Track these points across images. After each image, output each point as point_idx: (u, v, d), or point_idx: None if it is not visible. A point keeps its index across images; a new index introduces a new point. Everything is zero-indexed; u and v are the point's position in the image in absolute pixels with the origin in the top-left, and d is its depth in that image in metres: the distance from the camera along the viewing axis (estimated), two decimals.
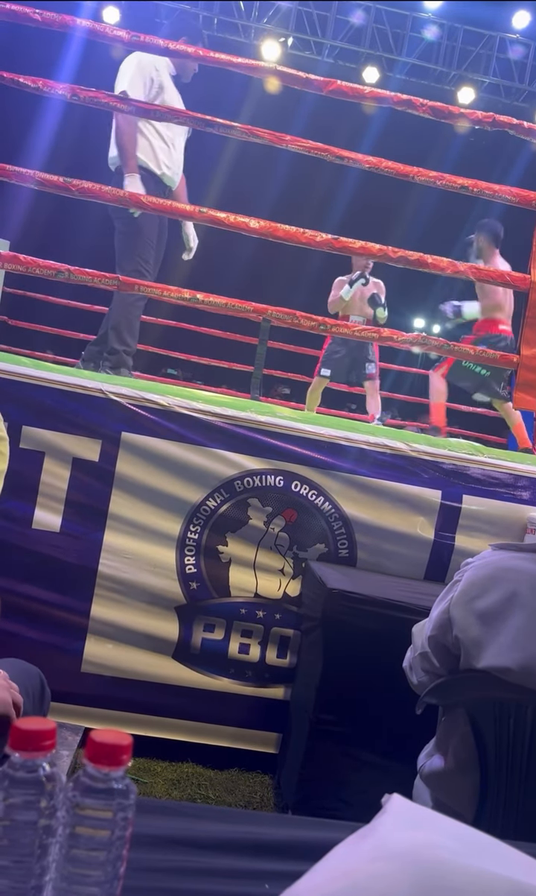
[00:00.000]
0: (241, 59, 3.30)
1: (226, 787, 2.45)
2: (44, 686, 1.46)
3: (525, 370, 3.36)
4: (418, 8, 10.11)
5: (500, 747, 1.46)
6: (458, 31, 10.34)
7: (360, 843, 0.72)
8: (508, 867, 0.71)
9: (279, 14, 10.20)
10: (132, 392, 2.62)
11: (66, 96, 3.10)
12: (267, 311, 3.22)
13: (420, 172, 3.35)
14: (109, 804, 0.61)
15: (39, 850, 0.60)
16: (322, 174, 9.11)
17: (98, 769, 0.61)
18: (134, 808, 0.63)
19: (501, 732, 1.45)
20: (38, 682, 1.43)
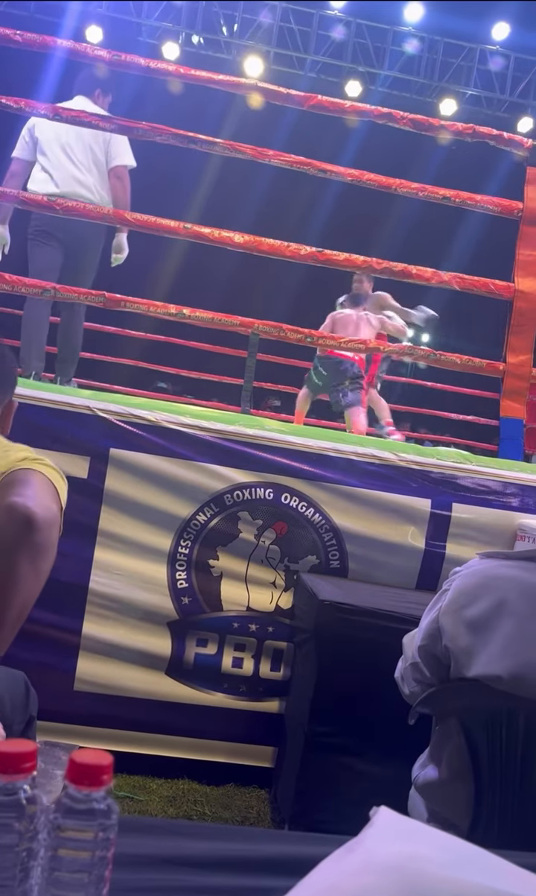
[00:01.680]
0: (222, 77, 3.34)
1: (222, 803, 2.44)
2: (29, 689, 1.46)
3: (512, 378, 3.38)
4: (398, 22, 10.22)
5: (493, 756, 1.46)
6: (439, 43, 10.45)
7: (346, 857, 0.72)
8: (495, 878, 0.71)
9: (261, 30, 10.29)
10: (119, 408, 2.63)
11: (49, 116, 3.12)
12: (253, 324, 3.23)
13: (402, 184, 3.38)
14: (91, 825, 0.61)
15: (21, 873, 0.60)
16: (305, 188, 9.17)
17: (79, 790, 0.61)
18: (116, 829, 0.63)
19: (494, 741, 1.45)
20: (22, 686, 1.44)
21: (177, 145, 3.30)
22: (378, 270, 3.27)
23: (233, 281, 9.79)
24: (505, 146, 3.55)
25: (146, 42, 10.21)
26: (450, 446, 7.49)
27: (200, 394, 9.12)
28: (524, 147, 3.50)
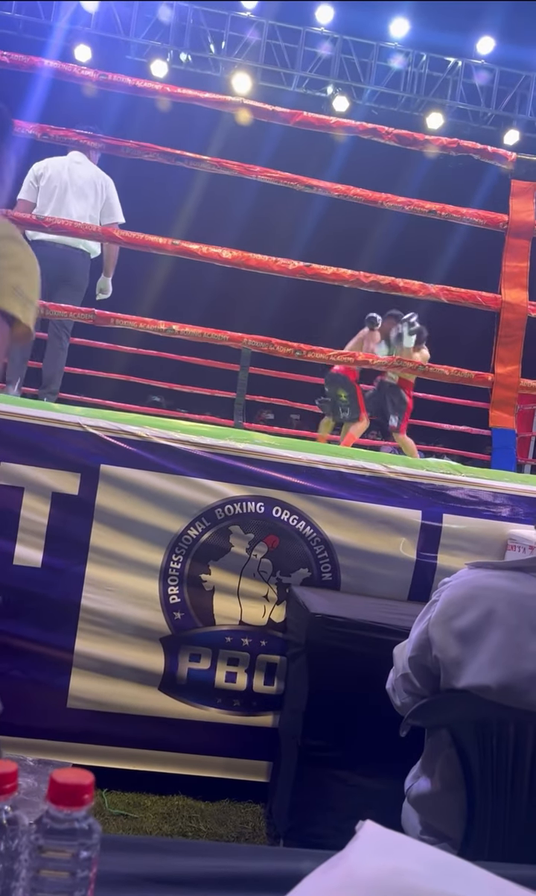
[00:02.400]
0: (209, 95, 3.37)
1: (217, 819, 2.43)
2: None
3: (501, 388, 3.40)
4: (384, 37, 10.33)
5: (484, 766, 1.46)
6: (424, 58, 10.57)
7: (330, 872, 0.73)
8: (478, 891, 0.71)
9: (248, 48, 10.39)
10: (110, 424, 2.63)
11: (37, 135, 3.14)
12: (243, 339, 3.25)
13: (388, 198, 3.42)
14: (72, 845, 0.61)
15: (2, 894, 0.60)
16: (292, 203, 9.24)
17: (60, 810, 0.61)
18: (98, 848, 0.63)
19: (484, 751, 1.45)
20: None
21: (165, 162, 3.32)
22: (365, 284, 3.30)
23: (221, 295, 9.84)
24: (490, 160, 3.59)
25: (134, 60, 10.30)
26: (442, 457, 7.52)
27: (193, 408, 9.14)
28: (508, 160, 3.54)
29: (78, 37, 10.24)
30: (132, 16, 10.22)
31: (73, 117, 4.11)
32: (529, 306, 3.44)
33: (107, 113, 8.49)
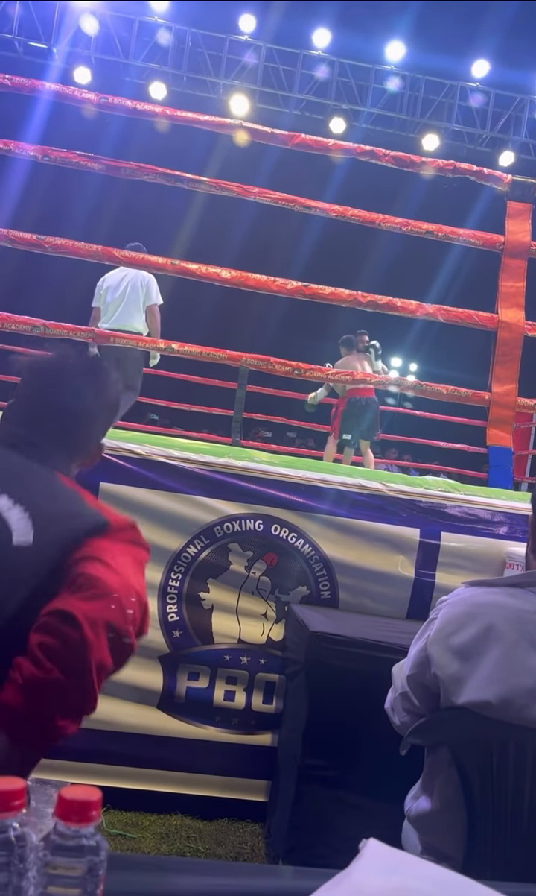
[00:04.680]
0: (208, 117, 3.42)
1: (215, 839, 2.41)
2: None
3: (498, 407, 3.43)
4: (380, 60, 10.48)
5: (485, 784, 1.46)
6: (420, 81, 10.72)
7: (335, 890, 0.73)
8: None
9: (246, 70, 10.53)
10: (109, 442, 2.64)
11: (37, 157, 3.18)
12: (241, 357, 3.27)
13: (385, 219, 3.46)
14: (80, 861, 0.62)
15: None
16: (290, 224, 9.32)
17: (68, 826, 0.62)
18: (105, 865, 0.63)
19: (485, 769, 1.45)
20: None
21: (164, 183, 3.36)
22: (363, 304, 3.33)
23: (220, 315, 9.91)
24: (486, 181, 3.64)
25: (133, 82, 10.43)
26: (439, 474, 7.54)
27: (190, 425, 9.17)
28: (503, 182, 3.59)
29: (78, 59, 10.38)
30: (131, 39, 10.36)
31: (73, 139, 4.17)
32: (525, 326, 3.47)
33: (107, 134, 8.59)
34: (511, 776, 1.44)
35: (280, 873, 1.06)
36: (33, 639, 1.13)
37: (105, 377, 1.55)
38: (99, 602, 1.16)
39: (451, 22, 10.15)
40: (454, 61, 10.57)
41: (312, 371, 3.54)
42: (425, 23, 10.06)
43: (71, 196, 11.41)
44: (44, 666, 1.11)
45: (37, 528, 1.23)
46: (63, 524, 1.27)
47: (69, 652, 1.13)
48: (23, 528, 1.21)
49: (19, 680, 1.11)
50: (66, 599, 1.17)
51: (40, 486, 1.34)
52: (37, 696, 1.12)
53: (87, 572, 1.20)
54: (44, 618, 1.15)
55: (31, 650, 1.13)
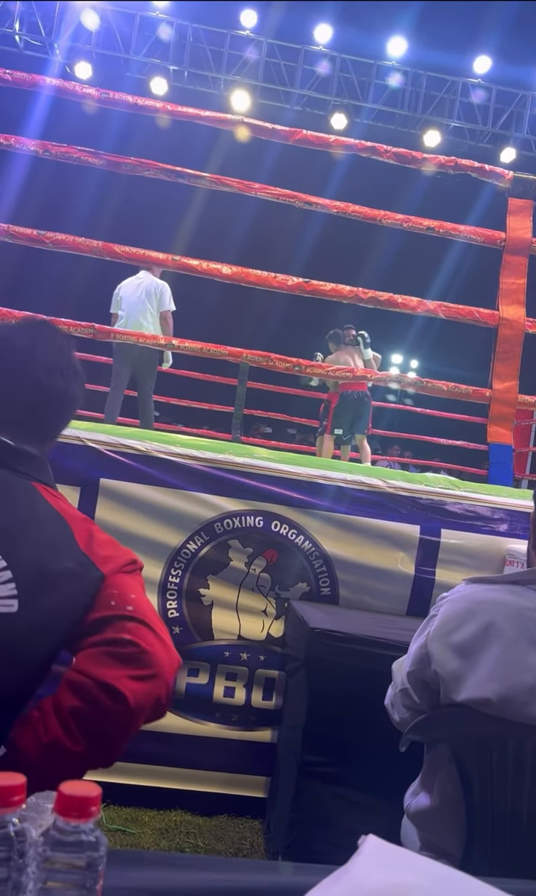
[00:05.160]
0: (209, 113, 3.41)
1: (215, 835, 2.41)
2: None
3: (498, 404, 3.42)
4: (382, 56, 10.45)
5: (484, 781, 1.46)
6: (421, 77, 10.69)
7: (333, 886, 0.73)
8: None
9: (247, 66, 10.50)
10: (109, 438, 2.64)
11: (38, 152, 3.17)
12: (241, 354, 3.27)
13: (386, 216, 3.45)
14: (79, 857, 0.62)
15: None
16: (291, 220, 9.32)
17: (67, 822, 0.62)
18: (104, 860, 0.63)
19: (484, 766, 1.45)
20: None
21: (165, 179, 3.35)
22: (364, 300, 3.32)
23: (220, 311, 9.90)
24: (487, 178, 3.63)
25: (134, 77, 10.41)
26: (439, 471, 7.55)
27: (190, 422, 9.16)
28: (505, 179, 3.58)
29: (78, 54, 10.36)
30: (132, 34, 10.33)
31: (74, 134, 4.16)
32: (526, 322, 3.47)
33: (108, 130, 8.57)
34: (511, 773, 1.44)
35: (279, 869, 1.07)
36: (65, 699, 1.06)
37: (73, 353, 1.40)
38: (150, 683, 1.09)
39: (453, 18, 10.13)
40: (455, 57, 10.55)
41: (312, 367, 3.54)
42: (427, 19, 10.04)
43: (72, 192, 11.40)
44: (73, 735, 1.05)
45: (21, 593, 1.10)
46: (54, 590, 1.14)
47: (105, 728, 1.07)
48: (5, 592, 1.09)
49: (43, 736, 1.05)
50: (113, 669, 1.07)
51: (25, 527, 1.18)
52: (54, 758, 1.06)
53: (135, 640, 1.11)
54: (82, 678, 1.07)
55: (61, 711, 1.06)
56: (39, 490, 1.26)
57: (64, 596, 1.14)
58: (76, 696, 1.06)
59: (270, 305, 10.83)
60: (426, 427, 9.24)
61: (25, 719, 1.07)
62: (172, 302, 6.02)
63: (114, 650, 1.09)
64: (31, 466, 1.28)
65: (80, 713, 1.05)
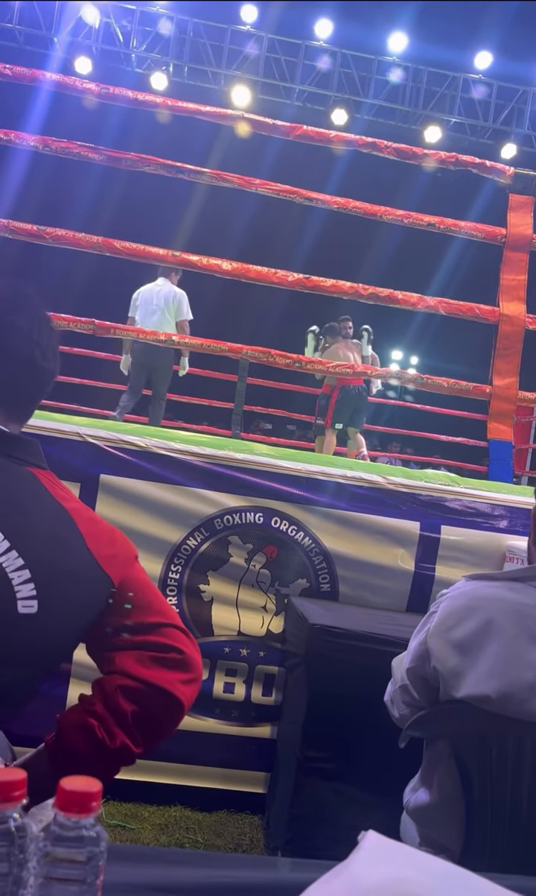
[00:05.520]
0: (209, 108, 3.40)
1: (214, 830, 2.42)
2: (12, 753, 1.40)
3: (499, 400, 3.42)
4: (382, 52, 10.43)
5: (484, 778, 1.46)
6: (422, 72, 10.66)
7: (333, 881, 0.73)
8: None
9: (248, 61, 10.48)
10: (109, 434, 2.64)
11: (38, 147, 3.17)
12: (242, 350, 3.26)
13: (387, 211, 3.44)
14: (80, 852, 0.62)
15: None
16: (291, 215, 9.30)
17: (68, 817, 0.62)
18: (105, 856, 0.63)
19: (484, 762, 1.46)
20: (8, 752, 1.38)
21: (165, 175, 3.35)
22: (364, 296, 3.32)
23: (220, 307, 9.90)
24: (488, 174, 3.62)
25: (134, 72, 10.38)
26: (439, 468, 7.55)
27: (190, 418, 9.16)
28: (506, 175, 3.57)
29: (79, 49, 10.33)
30: (132, 29, 10.30)
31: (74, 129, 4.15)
32: (527, 319, 3.46)
33: (108, 125, 8.55)
34: (510, 769, 1.44)
35: (278, 865, 1.07)
36: (124, 705, 1.09)
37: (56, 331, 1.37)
38: (195, 685, 1.17)
39: (454, 13, 10.10)
40: (456, 52, 10.53)
41: (313, 364, 3.53)
42: (427, 14, 10.01)
43: (72, 187, 11.38)
44: (136, 738, 1.10)
45: (40, 593, 1.11)
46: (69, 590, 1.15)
47: (162, 730, 1.13)
48: (26, 592, 1.10)
49: (110, 743, 1.08)
50: (165, 674, 1.12)
51: (35, 524, 1.18)
52: (119, 761, 1.11)
53: (179, 647, 1.16)
54: (137, 684, 1.10)
55: (123, 718, 1.09)
56: (38, 478, 1.25)
57: (77, 597, 1.15)
58: (134, 702, 1.10)
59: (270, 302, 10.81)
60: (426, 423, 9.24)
61: (82, 727, 1.09)
62: (190, 311, 6.17)
63: (160, 656, 1.14)
64: (28, 451, 1.28)
65: (139, 717, 1.10)
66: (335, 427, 6.74)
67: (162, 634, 1.17)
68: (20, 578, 1.09)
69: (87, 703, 1.12)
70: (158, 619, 1.19)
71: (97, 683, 1.13)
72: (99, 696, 1.11)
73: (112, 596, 1.18)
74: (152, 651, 1.14)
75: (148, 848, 1.87)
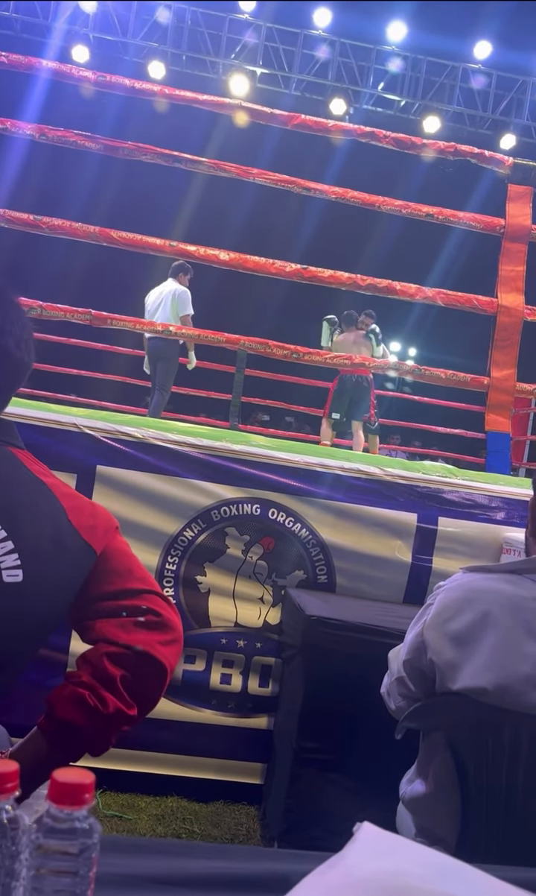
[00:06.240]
0: (207, 97, 3.38)
1: (211, 821, 2.42)
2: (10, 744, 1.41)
3: (496, 392, 3.41)
4: (381, 41, 10.36)
5: (479, 769, 1.46)
6: (421, 62, 10.61)
7: (328, 873, 0.73)
8: (476, 892, 0.72)
9: (246, 49, 10.41)
10: (106, 425, 2.63)
11: (35, 136, 3.14)
12: (239, 340, 3.25)
13: (385, 202, 3.43)
14: (73, 844, 0.61)
15: (3, 893, 0.60)
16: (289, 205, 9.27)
17: (60, 809, 0.61)
18: (98, 848, 0.63)
19: (480, 754, 1.46)
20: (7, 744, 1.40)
21: (163, 164, 3.33)
22: (362, 287, 3.31)
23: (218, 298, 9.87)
24: (487, 164, 3.60)
25: (132, 61, 10.31)
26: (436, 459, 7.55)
27: (188, 409, 9.15)
28: (505, 165, 3.56)
29: (75, 37, 10.26)
30: (130, 17, 10.23)
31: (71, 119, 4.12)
32: (525, 310, 3.45)
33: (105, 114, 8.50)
34: (506, 761, 1.44)
35: (274, 857, 1.07)
36: (111, 670, 1.13)
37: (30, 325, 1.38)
38: (176, 646, 1.21)
39: (453, 2, 10.03)
40: (456, 42, 10.47)
41: (311, 355, 3.52)
42: (427, 3, 9.94)
43: (69, 177, 11.32)
44: (127, 701, 1.14)
45: (25, 563, 1.14)
46: (52, 561, 1.18)
47: (149, 689, 1.17)
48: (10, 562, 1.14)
49: (103, 710, 1.11)
50: (144, 636, 1.16)
51: (17, 498, 1.20)
52: (112, 727, 1.15)
53: (157, 609, 1.20)
54: (119, 649, 1.14)
55: (112, 683, 1.12)
56: (17, 456, 1.29)
57: (61, 567, 1.19)
58: (119, 666, 1.14)
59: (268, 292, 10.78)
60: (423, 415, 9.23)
61: (73, 699, 1.12)
62: (190, 306, 6.29)
63: (139, 620, 1.18)
64: (4, 431, 1.32)
65: (127, 681, 1.14)
66: (332, 417, 6.71)
67: (140, 599, 1.21)
68: (3, 549, 1.12)
69: (73, 676, 1.15)
70: (138, 585, 1.23)
71: (81, 657, 1.17)
72: (85, 668, 1.14)
73: (95, 565, 1.22)
74: (131, 616, 1.19)
75: (142, 839, 1.87)
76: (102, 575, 1.23)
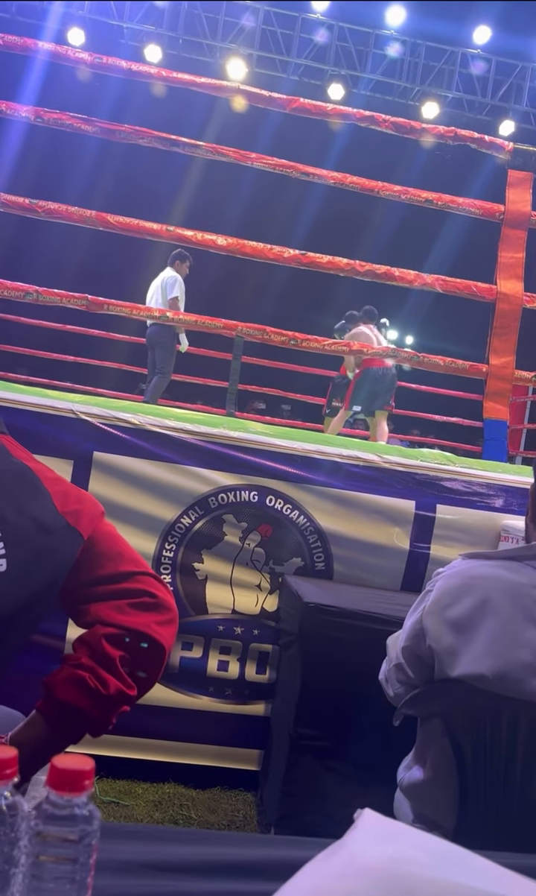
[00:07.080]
0: (204, 80, 3.34)
1: (208, 807, 2.43)
2: None
3: (495, 379, 3.40)
4: (380, 25, 10.27)
5: (477, 755, 1.46)
6: (420, 47, 10.51)
7: (330, 860, 0.72)
8: (478, 879, 0.71)
9: (244, 33, 10.31)
10: (103, 411, 2.62)
11: (30, 118, 3.11)
12: (237, 327, 3.23)
13: (384, 187, 3.40)
14: (72, 831, 0.61)
15: (2, 880, 0.59)
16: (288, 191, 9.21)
17: (60, 795, 0.61)
18: (98, 834, 0.62)
19: (478, 740, 1.46)
20: None
21: (160, 148, 3.29)
22: (361, 273, 3.28)
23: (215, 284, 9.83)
24: (487, 149, 3.58)
25: (128, 44, 10.21)
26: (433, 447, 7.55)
27: (184, 396, 9.12)
28: (505, 150, 3.53)
29: (71, 20, 10.14)
30: None
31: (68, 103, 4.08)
32: (524, 297, 3.44)
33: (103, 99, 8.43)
34: (504, 748, 1.44)
35: (272, 842, 1.06)
36: (110, 651, 1.14)
37: None
38: (172, 626, 1.23)
39: None
40: (455, 27, 10.37)
41: (308, 341, 3.51)
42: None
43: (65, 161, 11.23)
44: (127, 681, 1.16)
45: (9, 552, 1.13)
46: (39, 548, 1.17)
47: (148, 668, 1.19)
48: None
49: (105, 691, 1.12)
50: (140, 617, 1.18)
51: (3, 484, 1.19)
52: (113, 708, 1.16)
53: (151, 591, 1.22)
54: (116, 630, 1.15)
55: (111, 664, 1.14)
56: (1, 441, 1.28)
57: (48, 552, 1.18)
58: (118, 647, 1.15)
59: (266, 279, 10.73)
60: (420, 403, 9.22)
61: (73, 681, 1.13)
62: (175, 290, 6.50)
63: (135, 601, 1.19)
64: None
65: (126, 661, 1.15)
66: (353, 408, 6.67)
67: (134, 581, 1.22)
68: None
69: (71, 659, 1.16)
70: (130, 567, 1.24)
71: (78, 640, 1.17)
72: (83, 650, 1.15)
73: (83, 550, 1.22)
74: (126, 598, 1.20)
75: (141, 826, 1.88)
76: (93, 559, 1.23)
